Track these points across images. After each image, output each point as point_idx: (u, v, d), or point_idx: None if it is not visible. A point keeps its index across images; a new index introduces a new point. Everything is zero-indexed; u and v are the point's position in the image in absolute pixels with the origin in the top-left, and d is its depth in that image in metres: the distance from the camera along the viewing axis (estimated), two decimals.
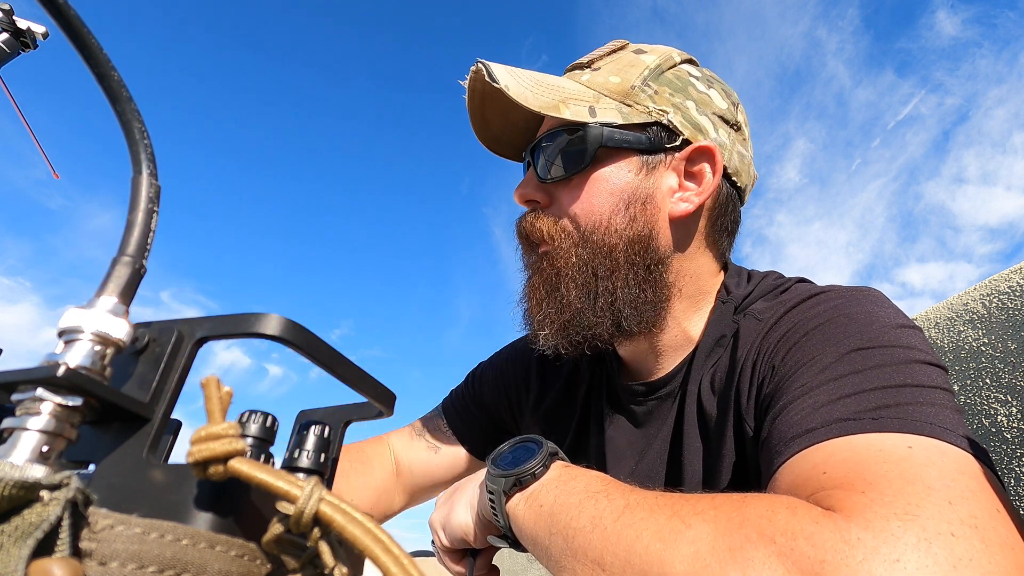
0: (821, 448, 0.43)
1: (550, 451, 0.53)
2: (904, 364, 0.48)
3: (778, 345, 0.56)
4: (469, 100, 0.72)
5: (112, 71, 0.27)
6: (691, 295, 0.70)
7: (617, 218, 0.65)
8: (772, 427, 0.50)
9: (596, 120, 0.65)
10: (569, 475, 0.51)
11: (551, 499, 0.48)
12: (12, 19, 1.12)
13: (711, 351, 0.66)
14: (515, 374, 0.89)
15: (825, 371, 0.49)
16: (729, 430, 0.60)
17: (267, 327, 0.23)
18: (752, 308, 0.64)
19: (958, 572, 0.32)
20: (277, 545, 0.21)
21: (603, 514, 0.43)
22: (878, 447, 0.41)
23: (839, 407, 0.45)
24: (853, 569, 0.32)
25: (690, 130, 0.67)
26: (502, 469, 0.53)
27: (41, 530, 0.17)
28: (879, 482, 0.37)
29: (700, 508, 0.40)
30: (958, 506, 0.35)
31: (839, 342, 0.51)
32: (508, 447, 0.56)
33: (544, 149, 0.69)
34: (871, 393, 0.45)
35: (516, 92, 0.63)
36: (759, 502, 0.39)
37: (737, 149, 0.71)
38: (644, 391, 0.72)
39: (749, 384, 0.58)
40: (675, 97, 0.68)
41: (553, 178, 0.68)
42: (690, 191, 0.67)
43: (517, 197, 0.71)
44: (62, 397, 0.21)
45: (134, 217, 0.26)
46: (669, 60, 0.71)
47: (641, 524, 0.41)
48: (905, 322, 0.54)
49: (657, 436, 0.70)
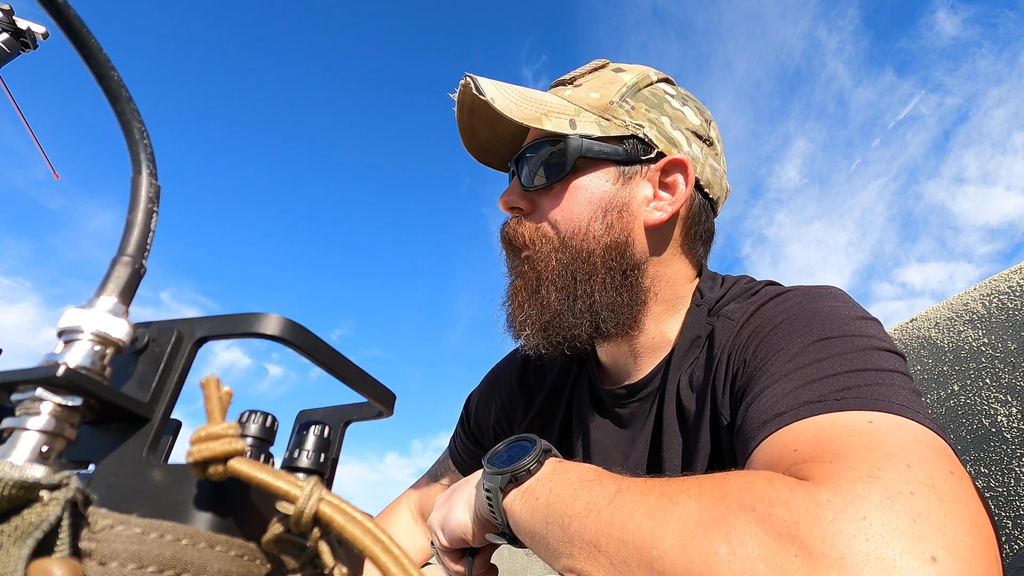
0: (791, 429, 0.47)
1: (543, 448, 0.55)
2: (864, 351, 0.52)
3: (749, 340, 0.61)
4: (458, 112, 0.76)
5: (112, 71, 0.27)
6: (667, 299, 0.74)
7: (595, 225, 0.69)
8: (745, 415, 0.53)
9: (576, 132, 0.69)
10: (563, 468, 0.53)
11: (547, 491, 0.51)
12: (12, 19, 1.12)
13: (687, 351, 0.70)
14: (502, 395, 0.93)
15: (792, 360, 0.53)
16: (706, 423, 0.63)
17: (267, 327, 0.23)
18: (725, 309, 0.68)
19: (918, 525, 0.35)
20: (277, 545, 0.21)
21: (596, 499, 0.46)
22: (842, 423, 0.44)
23: (805, 392, 0.49)
24: (824, 528, 0.35)
25: (664, 143, 0.72)
26: (498, 467, 0.54)
27: (41, 530, 0.17)
28: (844, 452, 0.41)
29: (686, 487, 0.43)
30: (915, 468, 0.38)
31: (804, 334, 0.56)
32: (503, 446, 0.58)
33: (528, 159, 0.73)
34: (834, 378, 0.49)
35: (501, 105, 0.67)
36: (739, 477, 0.42)
37: (709, 163, 0.76)
38: (626, 394, 0.75)
39: (724, 378, 0.62)
40: (651, 112, 0.73)
41: (536, 186, 0.73)
42: (664, 200, 0.72)
43: (501, 204, 0.76)
44: (62, 397, 0.21)
45: (134, 217, 0.26)
46: (646, 79, 0.76)
47: (633, 506, 0.43)
48: (864, 314, 0.58)
49: (640, 435, 0.73)
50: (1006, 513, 0.85)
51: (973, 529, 0.36)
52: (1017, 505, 0.84)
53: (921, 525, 0.35)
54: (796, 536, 0.35)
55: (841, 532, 0.34)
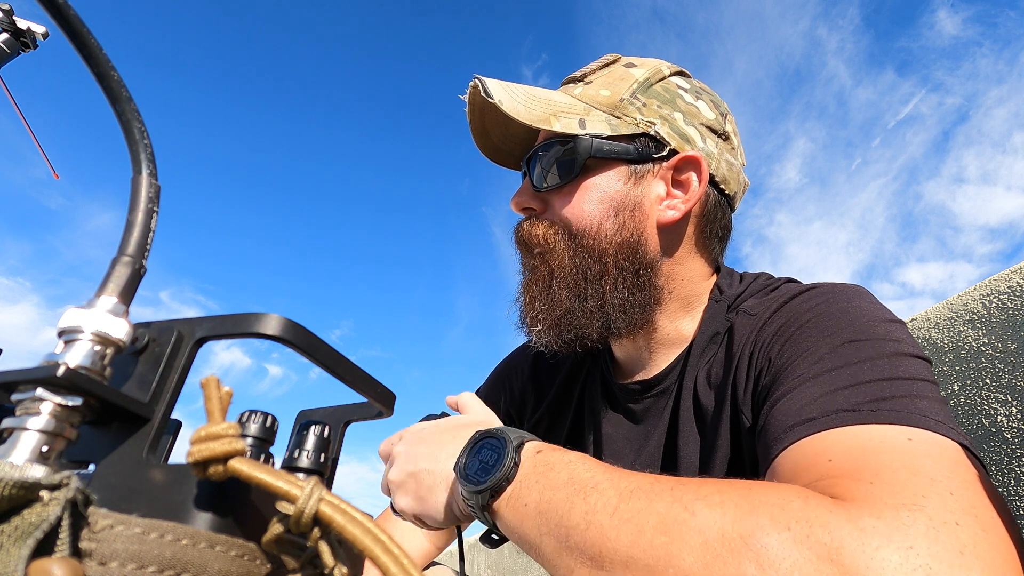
0: (823, 437, 0.45)
1: (515, 444, 0.49)
2: (894, 356, 0.50)
3: (774, 338, 0.59)
4: (469, 112, 0.76)
5: (112, 71, 0.27)
6: (683, 297, 0.73)
7: (607, 224, 0.69)
8: (770, 415, 0.51)
9: (586, 132, 0.69)
10: (546, 465, 0.48)
11: (535, 496, 0.46)
12: (12, 19, 1.12)
13: (706, 348, 0.69)
14: (512, 388, 0.92)
15: (819, 362, 0.52)
16: (725, 422, 0.62)
17: (267, 327, 0.23)
18: (745, 305, 0.67)
19: (964, 557, 0.34)
20: (277, 545, 0.21)
21: (596, 508, 0.42)
22: (879, 438, 0.42)
23: (837, 398, 0.47)
24: (869, 555, 0.33)
25: (677, 140, 0.70)
26: (473, 484, 0.49)
27: (41, 530, 0.17)
28: (884, 472, 0.39)
29: (703, 493, 0.39)
30: (959, 496, 0.37)
31: (832, 334, 0.54)
32: (465, 455, 0.51)
33: (539, 159, 0.73)
34: (866, 386, 0.47)
35: (509, 107, 0.67)
36: (769, 491, 0.39)
37: (725, 158, 0.74)
38: (640, 389, 0.74)
39: (746, 377, 0.60)
40: (663, 109, 0.71)
41: (548, 186, 0.72)
42: (677, 199, 0.71)
43: (513, 205, 0.75)
44: (62, 397, 0.21)
45: (134, 217, 0.26)
46: (658, 73, 0.74)
47: (641, 517, 0.40)
48: (891, 316, 0.57)
49: (654, 431, 0.72)
50: None
51: (1011, 558, 0.36)
52: (1017, 505, 0.84)
53: (968, 557, 0.34)
54: (838, 562, 0.34)
55: (887, 561, 0.33)
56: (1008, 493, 0.85)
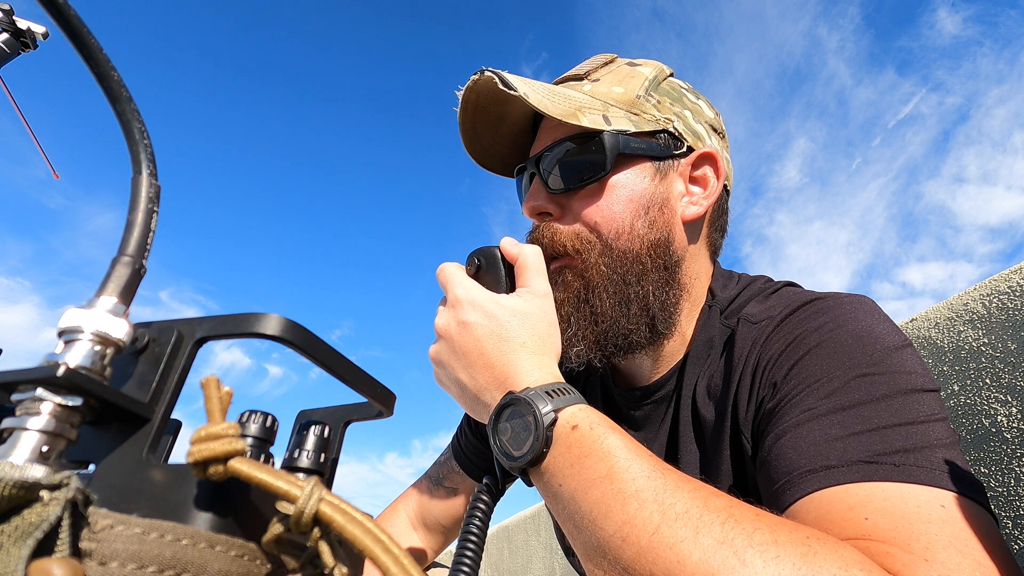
0: (850, 491, 0.44)
1: (544, 423, 0.48)
2: (908, 395, 0.49)
3: (780, 360, 0.56)
4: (461, 111, 0.72)
5: (112, 71, 0.27)
6: (693, 296, 0.72)
7: (639, 223, 0.67)
8: (776, 449, 0.50)
9: (612, 128, 0.66)
10: (581, 450, 0.46)
11: (571, 484, 0.45)
12: (12, 19, 1.12)
13: (701, 354, 0.67)
14: None
15: (830, 397, 0.50)
16: (726, 439, 0.60)
17: (267, 327, 0.23)
18: (744, 312, 0.65)
19: None
20: (277, 545, 0.21)
21: (634, 523, 0.40)
22: (915, 503, 0.42)
23: (855, 445, 0.46)
24: None
25: (691, 137, 0.71)
26: (506, 458, 0.50)
27: (41, 530, 0.17)
28: (936, 549, 0.39)
29: (757, 540, 0.37)
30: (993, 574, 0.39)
31: (843, 366, 0.52)
32: (496, 418, 0.51)
33: (554, 159, 0.69)
34: (885, 432, 0.47)
35: (536, 100, 0.63)
36: (827, 551, 0.37)
37: (725, 155, 0.75)
38: (640, 395, 0.73)
39: (748, 395, 0.58)
40: (675, 107, 0.71)
41: (566, 188, 0.68)
42: (696, 195, 0.71)
43: (527, 210, 0.71)
44: (62, 397, 0.21)
45: (134, 217, 0.26)
46: (662, 72, 0.74)
47: (683, 547, 0.38)
48: (901, 341, 0.55)
49: (655, 440, 0.71)
50: (1006, 513, 0.85)
51: None
52: (1017, 505, 0.84)
53: None
54: None
55: None
56: (1008, 493, 0.85)
